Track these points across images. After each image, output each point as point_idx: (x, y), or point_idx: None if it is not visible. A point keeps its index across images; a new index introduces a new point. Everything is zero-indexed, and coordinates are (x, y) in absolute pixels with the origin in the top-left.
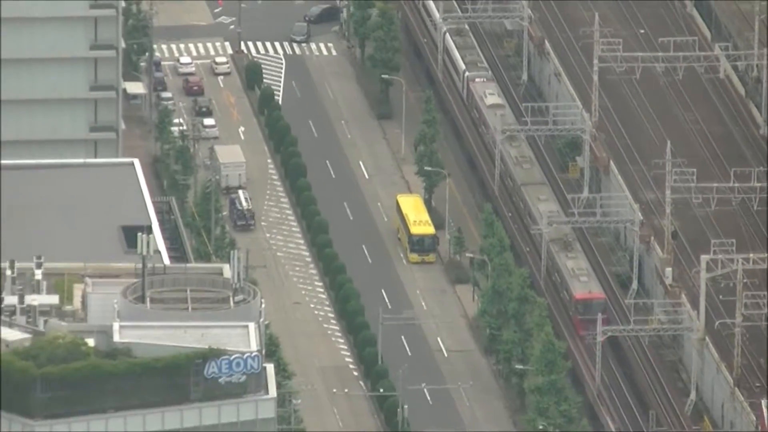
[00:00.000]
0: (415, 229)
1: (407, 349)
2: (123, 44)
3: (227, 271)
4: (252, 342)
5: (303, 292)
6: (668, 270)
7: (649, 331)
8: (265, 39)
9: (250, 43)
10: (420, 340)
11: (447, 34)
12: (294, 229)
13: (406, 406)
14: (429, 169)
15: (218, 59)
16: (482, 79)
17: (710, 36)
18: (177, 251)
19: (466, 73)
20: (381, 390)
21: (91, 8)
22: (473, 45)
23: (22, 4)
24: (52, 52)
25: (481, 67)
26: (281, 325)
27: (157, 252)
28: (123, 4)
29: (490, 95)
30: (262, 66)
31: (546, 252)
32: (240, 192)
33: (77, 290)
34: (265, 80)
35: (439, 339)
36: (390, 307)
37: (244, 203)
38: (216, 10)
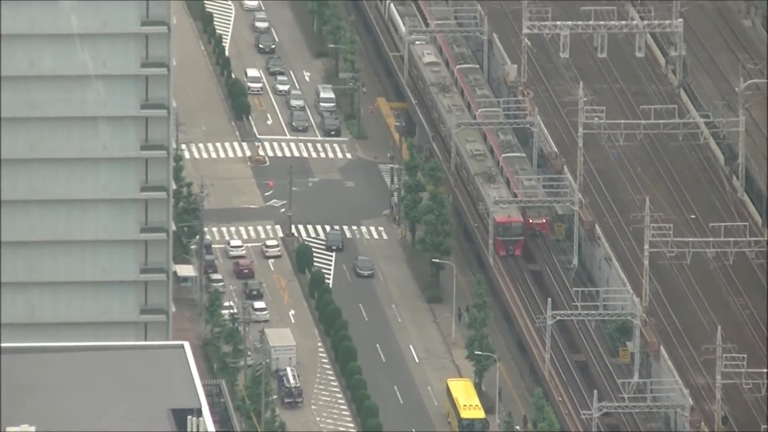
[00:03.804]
0: (466, 413)
1: None
2: (173, 227)
3: None
4: None
5: None
6: None
7: None
8: (315, 222)
9: (300, 226)
10: None
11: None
12: (344, 412)
13: None
14: (479, 353)
15: (269, 242)
16: None
17: (761, 221)
18: None
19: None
20: None
21: (142, 191)
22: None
23: (68, 186)
24: (102, 235)
25: None
26: None
27: None
28: (174, 186)
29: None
30: (313, 249)
31: None
32: (288, 369)
33: None
34: (315, 264)
35: None
36: None
37: (291, 381)
38: (267, 194)
